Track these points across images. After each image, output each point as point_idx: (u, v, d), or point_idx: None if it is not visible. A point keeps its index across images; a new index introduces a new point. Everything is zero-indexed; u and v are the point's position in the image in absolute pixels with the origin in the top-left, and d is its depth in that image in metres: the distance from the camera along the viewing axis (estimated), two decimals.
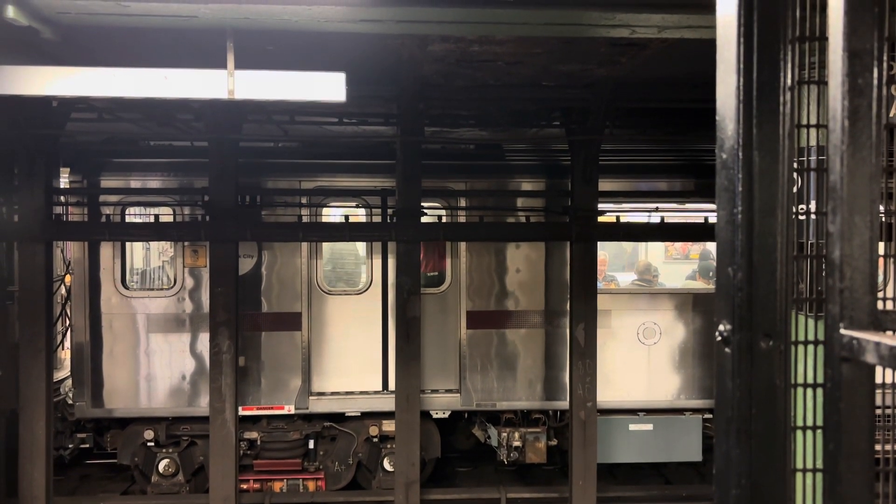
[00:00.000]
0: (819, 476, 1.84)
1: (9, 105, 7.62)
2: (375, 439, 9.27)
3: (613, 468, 10.05)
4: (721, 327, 1.75)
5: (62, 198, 8.87)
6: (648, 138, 9.80)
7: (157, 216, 8.51)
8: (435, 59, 6.54)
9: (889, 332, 1.40)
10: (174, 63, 5.10)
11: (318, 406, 9.19)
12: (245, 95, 5.08)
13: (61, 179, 9.10)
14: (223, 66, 5.04)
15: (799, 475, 1.88)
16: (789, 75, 1.71)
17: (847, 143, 1.34)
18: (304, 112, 8.61)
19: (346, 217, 8.72)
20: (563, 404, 9.24)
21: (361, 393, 9.26)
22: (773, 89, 1.69)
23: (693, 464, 10.14)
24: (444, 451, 9.72)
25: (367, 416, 9.28)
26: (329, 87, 5.13)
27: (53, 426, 8.43)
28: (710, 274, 10.71)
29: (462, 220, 9.24)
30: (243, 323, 8.85)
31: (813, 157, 1.95)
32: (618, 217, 9.16)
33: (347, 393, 9.24)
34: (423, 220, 8.37)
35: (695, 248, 12.94)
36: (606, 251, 11.63)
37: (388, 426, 9.13)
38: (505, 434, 9.26)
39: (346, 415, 9.30)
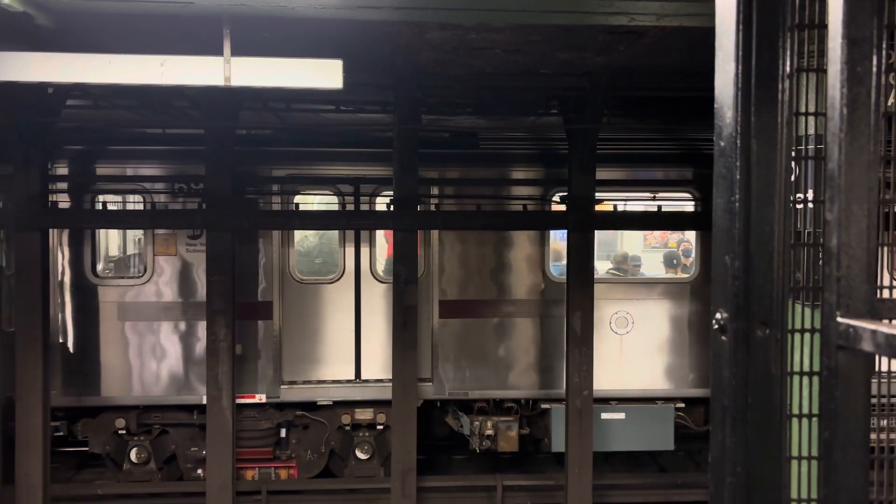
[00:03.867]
0: (814, 464, 1.84)
1: (4, 92, 7.57)
2: (348, 428, 9.23)
3: (609, 455, 10.08)
4: (718, 315, 1.76)
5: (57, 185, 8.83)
6: (646, 127, 9.77)
7: (153, 204, 8.47)
8: (433, 46, 6.51)
9: (885, 321, 1.40)
10: (170, 50, 5.07)
11: (289, 395, 9.13)
12: (241, 82, 5.05)
13: (56, 167, 9.06)
14: (220, 53, 5.01)
15: (794, 463, 1.89)
16: (788, 63, 1.71)
17: (845, 132, 1.33)
18: (301, 100, 8.58)
19: (343, 205, 8.68)
20: (536, 393, 9.29)
21: (334, 382, 9.22)
22: (771, 77, 1.68)
23: (689, 452, 10.18)
24: (439, 438, 9.70)
25: (339, 405, 9.22)
26: (326, 74, 5.10)
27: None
28: (674, 262, 10.69)
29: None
30: None
31: (811, 146, 1.95)
32: (615, 206, 9.14)
33: (319, 382, 9.21)
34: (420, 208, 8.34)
35: (672, 237, 12.82)
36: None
37: (361, 415, 9.13)
38: (477, 423, 9.26)
39: (318, 403, 9.25)
